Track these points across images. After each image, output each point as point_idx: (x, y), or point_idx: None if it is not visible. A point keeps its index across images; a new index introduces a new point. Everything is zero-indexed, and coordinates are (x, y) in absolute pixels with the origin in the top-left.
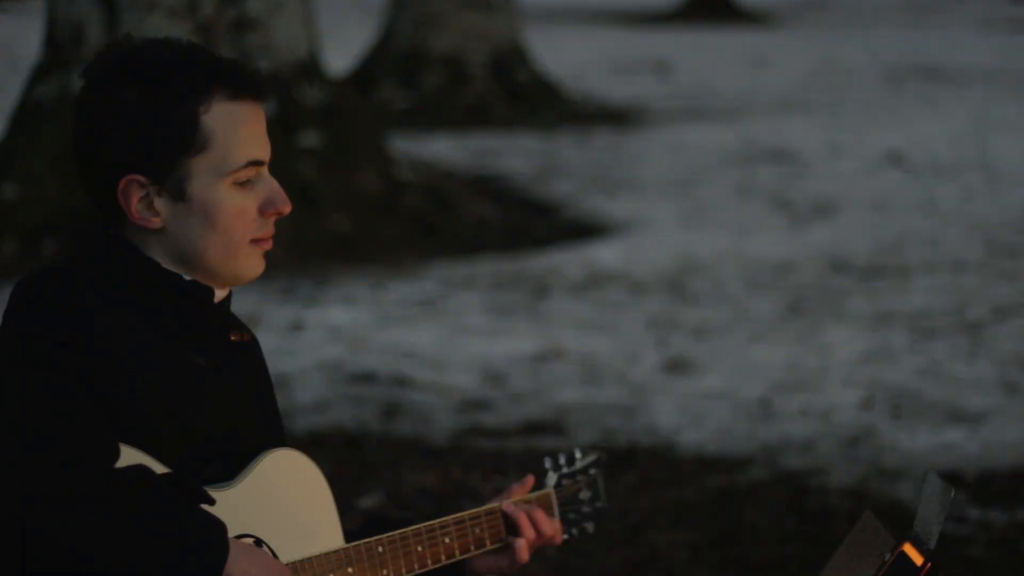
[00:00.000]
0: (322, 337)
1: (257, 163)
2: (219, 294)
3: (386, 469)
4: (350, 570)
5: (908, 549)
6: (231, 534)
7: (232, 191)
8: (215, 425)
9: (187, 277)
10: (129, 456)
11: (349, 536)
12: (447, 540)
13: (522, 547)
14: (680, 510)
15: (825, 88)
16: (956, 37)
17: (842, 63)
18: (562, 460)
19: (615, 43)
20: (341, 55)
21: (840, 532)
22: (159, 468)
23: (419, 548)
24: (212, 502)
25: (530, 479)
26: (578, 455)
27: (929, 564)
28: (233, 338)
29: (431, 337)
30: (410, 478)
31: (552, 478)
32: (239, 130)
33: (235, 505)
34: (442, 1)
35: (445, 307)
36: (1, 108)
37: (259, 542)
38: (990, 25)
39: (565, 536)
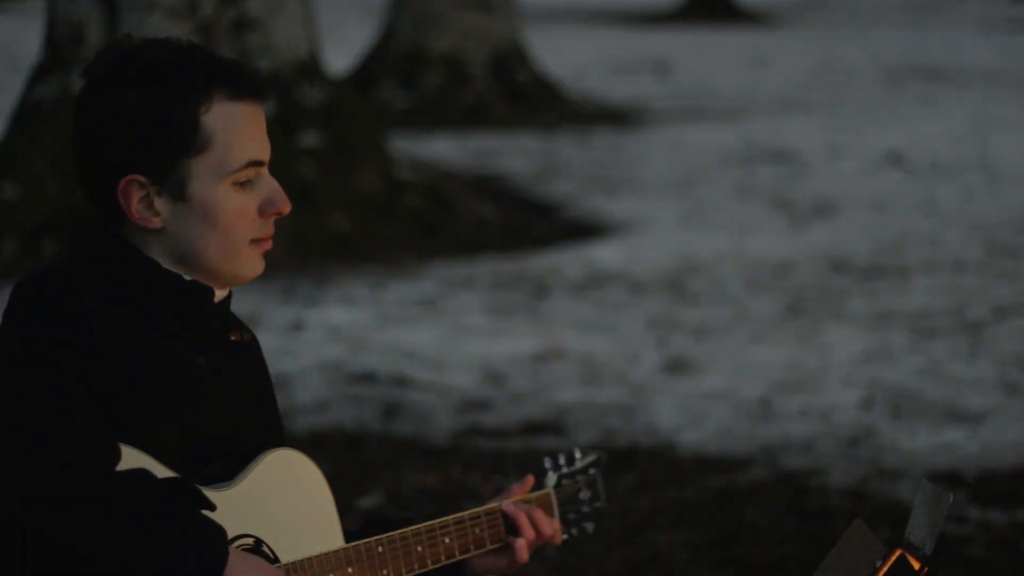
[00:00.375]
0: (322, 337)
1: (257, 163)
2: (219, 294)
3: (386, 469)
4: (350, 570)
5: (904, 554)
6: (231, 534)
7: (232, 191)
8: (215, 425)
9: (187, 277)
10: (130, 456)
11: (349, 536)
12: (447, 540)
13: (521, 547)
14: (680, 510)
15: (825, 88)
16: (956, 37)
17: (842, 63)
18: (562, 460)
19: (615, 43)
20: (341, 55)
21: (840, 532)
22: (160, 468)
23: (419, 548)
24: (213, 507)
25: (530, 479)
26: (578, 455)
27: (926, 569)
28: (233, 338)
29: (431, 337)
30: (410, 478)
31: (552, 478)
32: (239, 130)
33: (235, 505)
34: (442, 1)
35: (445, 307)
36: (1, 108)
37: (259, 542)
38: (990, 25)
39: (565, 536)
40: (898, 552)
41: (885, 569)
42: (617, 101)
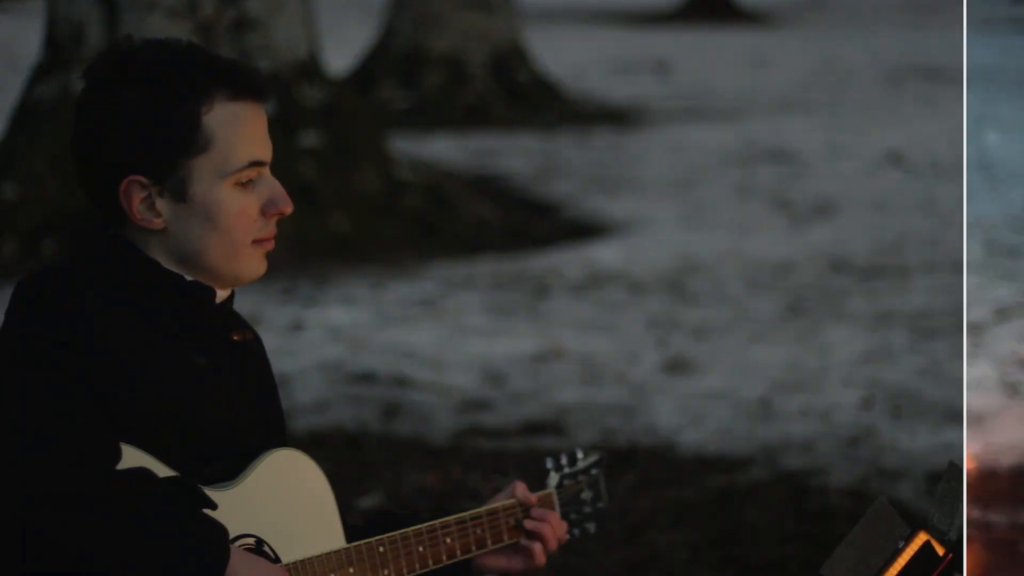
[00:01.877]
0: (322, 337)
1: (258, 163)
2: (221, 294)
3: (386, 469)
4: (351, 570)
5: (930, 540)
6: (232, 534)
7: (233, 191)
8: (216, 425)
9: (188, 277)
10: (131, 456)
11: (350, 536)
12: (448, 540)
13: (540, 551)
14: (680, 510)
15: (825, 88)
16: (956, 37)
17: (842, 63)
18: (564, 460)
19: (615, 43)
20: (341, 55)
21: (840, 532)
22: (161, 468)
23: (420, 548)
24: (214, 506)
25: (532, 498)
26: (580, 455)
27: (951, 555)
28: (235, 338)
29: (431, 337)
30: (410, 478)
31: (554, 478)
32: (240, 130)
33: (236, 505)
34: (442, 1)
35: (445, 307)
36: (1, 108)
37: (260, 542)
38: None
39: (567, 536)
40: (924, 537)
41: (910, 553)
42: (617, 101)
